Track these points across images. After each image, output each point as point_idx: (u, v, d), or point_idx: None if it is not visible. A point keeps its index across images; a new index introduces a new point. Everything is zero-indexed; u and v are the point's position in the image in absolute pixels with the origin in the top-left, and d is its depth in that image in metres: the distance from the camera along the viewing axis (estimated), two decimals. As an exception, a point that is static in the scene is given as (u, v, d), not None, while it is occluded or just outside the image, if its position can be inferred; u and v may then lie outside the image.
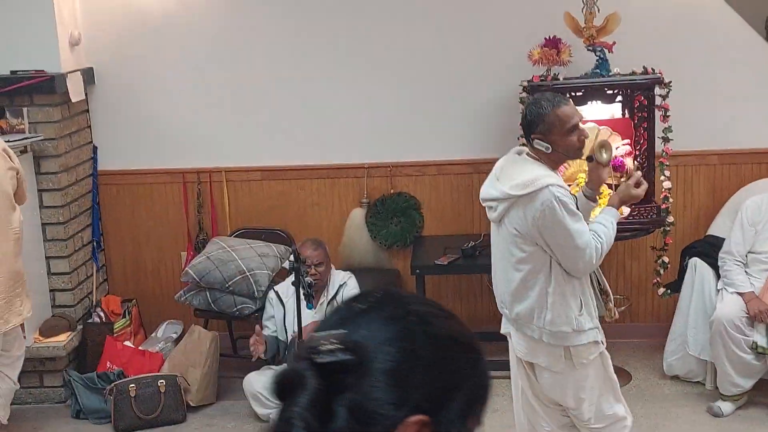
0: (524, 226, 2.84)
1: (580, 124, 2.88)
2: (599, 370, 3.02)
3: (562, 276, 2.89)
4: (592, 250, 2.85)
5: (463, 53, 4.58)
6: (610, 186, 4.24)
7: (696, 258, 4.22)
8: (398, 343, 0.86)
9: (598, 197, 3.15)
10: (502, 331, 3.13)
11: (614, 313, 3.16)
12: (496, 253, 3.02)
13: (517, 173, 2.86)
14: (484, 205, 3.02)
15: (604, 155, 2.97)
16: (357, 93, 4.68)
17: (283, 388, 0.87)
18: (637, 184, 3.01)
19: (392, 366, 0.85)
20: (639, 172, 3.17)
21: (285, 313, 4.12)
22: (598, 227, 2.92)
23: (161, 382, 4.15)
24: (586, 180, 3.13)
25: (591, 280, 3.03)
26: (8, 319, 3.58)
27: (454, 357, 0.90)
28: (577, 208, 2.91)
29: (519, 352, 3.04)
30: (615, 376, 3.11)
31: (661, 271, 4.28)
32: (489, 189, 2.96)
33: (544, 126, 2.81)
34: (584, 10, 4.20)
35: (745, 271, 4.03)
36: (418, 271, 4.31)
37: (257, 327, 4.01)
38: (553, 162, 2.91)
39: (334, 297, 4.12)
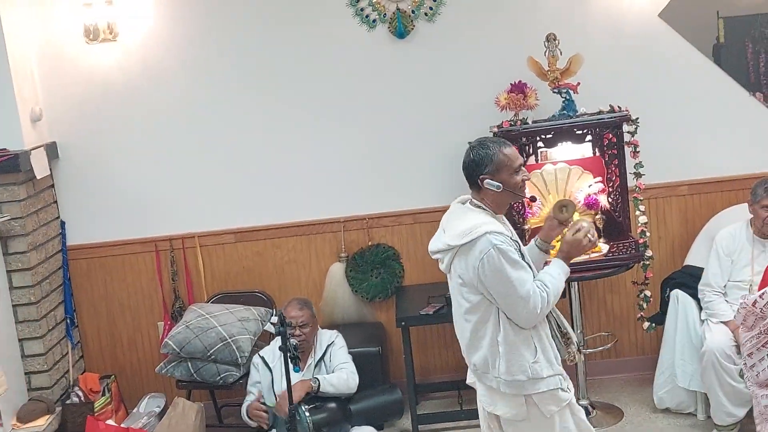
0: (467, 275, 2.83)
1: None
2: (568, 422, 2.90)
3: (510, 324, 2.83)
4: (537, 299, 2.78)
5: (432, 103, 4.60)
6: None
7: (677, 290, 4.26)
8: None
9: (551, 250, 3.06)
10: (468, 381, 3.08)
11: (575, 357, 3.03)
12: (453, 303, 3.01)
13: (459, 223, 2.86)
14: (433, 258, 3.01)
15: (563, 214, 3.02)
16: (327, 149, 4.66)
17: None
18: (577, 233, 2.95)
19: None
20: (584, 223, 2.99)
21: (273, 379, 4.03)
22: (545, 277, 2.86)
23: (149, 460, 4.02)
24: (540, 231, 3.09)
25: (550, 324, 2.93)
26: None
27: None
28: (522, 257, 2.84)
29: (483, 403, 3.00)
30: (590, 427, 3.02)
31: (644, 305, 4.30)
32: (435, 242, 2.97)
33: (492, 166, 2.85)
34: (547, 54, 4.27)
35: (726, 300, 4.08)
36: (403, 323, 4.27)
37: (258, 393, 3.94)
38: (498, 205, 2.92)
39: (322, 357, 4.04)
